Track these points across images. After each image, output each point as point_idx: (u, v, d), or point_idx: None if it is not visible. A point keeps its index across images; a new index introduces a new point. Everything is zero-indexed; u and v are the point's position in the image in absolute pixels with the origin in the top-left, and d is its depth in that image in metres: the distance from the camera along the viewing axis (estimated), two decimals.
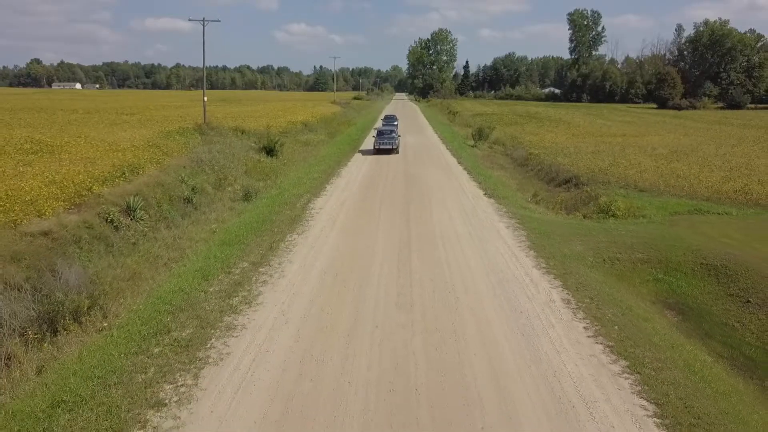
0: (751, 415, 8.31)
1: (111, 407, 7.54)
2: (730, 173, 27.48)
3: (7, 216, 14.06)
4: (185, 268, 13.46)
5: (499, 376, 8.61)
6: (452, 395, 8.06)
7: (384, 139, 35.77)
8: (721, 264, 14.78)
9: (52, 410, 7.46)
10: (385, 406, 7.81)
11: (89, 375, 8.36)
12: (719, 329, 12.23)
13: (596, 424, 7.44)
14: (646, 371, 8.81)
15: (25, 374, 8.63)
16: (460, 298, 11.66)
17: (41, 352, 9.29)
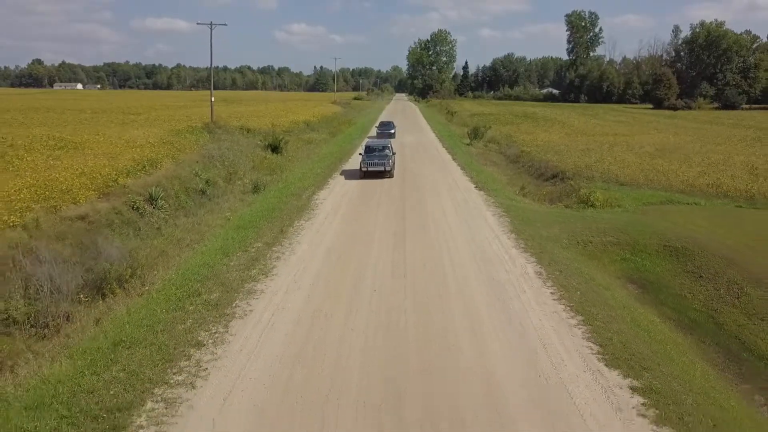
0: (680, 357, 10.17)
1: (161, 346, 9.41)
2: (706, 168, 29.33)
3: (48, 203, 15.93)
4: (207, 248, 15.33)
5: (475, 327, 10.47)
6: (435, 340, 9.92)
7: (374, 158, 26.64)
8: (681, 246, 16.63)
9: (114, 347, 9.32)
10: (381, 342, 9.70)
11: (139, 324, 10.23)
12: (672, 299, 14.07)
13: (550, 358, 9.29)
14: (597, 323, 10.67)
15: (86, 325, 10.49)
16: (446, 271, 13.52)
17: (95, 309, 11.16)
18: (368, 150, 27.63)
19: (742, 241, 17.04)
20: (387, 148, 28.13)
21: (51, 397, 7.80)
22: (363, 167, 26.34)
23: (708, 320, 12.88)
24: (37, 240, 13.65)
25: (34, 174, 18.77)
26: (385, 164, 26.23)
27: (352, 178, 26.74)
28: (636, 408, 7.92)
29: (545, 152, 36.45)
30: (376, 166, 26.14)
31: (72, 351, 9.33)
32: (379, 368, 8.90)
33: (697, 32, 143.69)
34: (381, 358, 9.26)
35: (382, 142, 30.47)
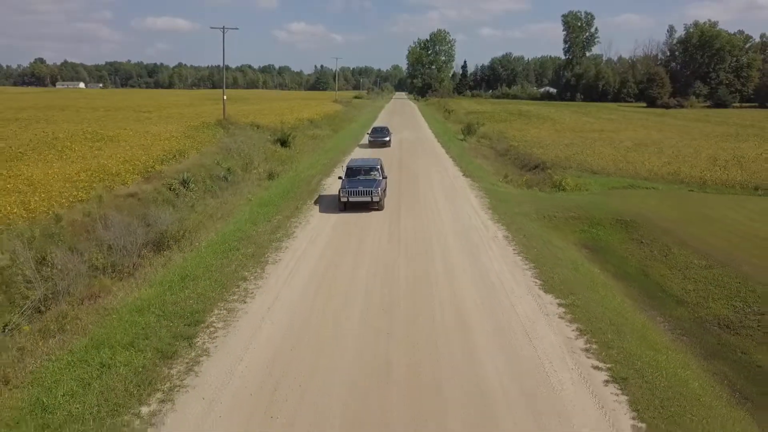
0: (605, 291, 13.47)
1: (216, 279, 12.74)
2: (673, 160, 32.64)
3: (104, 183, 19.29)
4: (236, 219, 18.65)
5: (450, 271, 13.78)
6: (420, 279, 13.22)
7: (357, 182, 20.18)
8: (630, 220, 19.94)
9: (182, 280, 12.65)
10: (380, 279, 13.05)
11: (196, 267, 13.56)
12: (615, 259, 17.35)
13: (504, 290, 12.58)
14: (544, 269, 13.98)
15: (155, 268, 13.80)
16: (432, 236, 16.83)
17: (160, 259, 14.48)
18: (351, 173, 20.85)
19: (682, 216, 20.35)
20: (375, 170, 21.07)
21: (147, 306, 11.11)
22: (343, 197, 19.62)
23: (639, 273, 16.15)
24: (103, 211, 16.98)
25: (85, 161, 22.13)
26: (372, 190, 19.43)
27: None
28: (558, 314, 11.24)
29: (531, 146, 39.76)
30: (358, 195, 19.45)
31: (151, 282, 12.65)
32: (378, 293, 12.22)
33: (691, 32, 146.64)
34: (379, 286, 12.58)
35: (368, 162, 22.56)
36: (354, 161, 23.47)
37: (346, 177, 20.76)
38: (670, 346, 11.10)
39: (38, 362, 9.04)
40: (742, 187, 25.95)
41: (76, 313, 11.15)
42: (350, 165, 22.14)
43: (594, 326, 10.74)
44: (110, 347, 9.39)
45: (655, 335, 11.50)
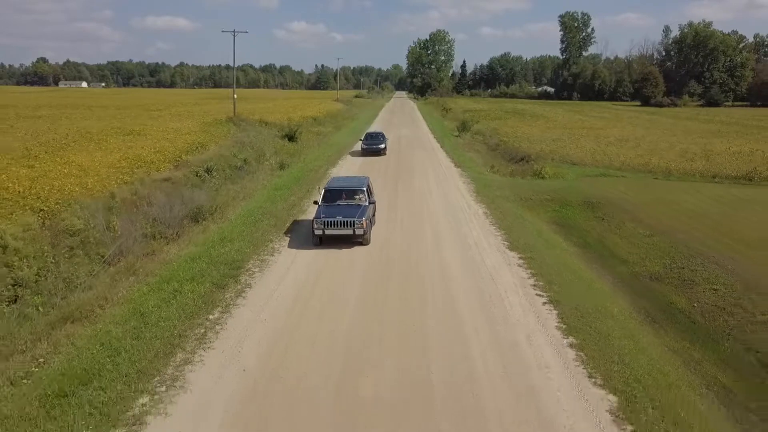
0: (561, 252, 16.65)
1: (249, 241, 15.97)
2: (646, 153, 35.77)
3: (142, 170, 22.46)
4: (257, 200, 21.84)
5: (437, 234, 16.98)
6: (415, 243, 16.39)
7: (336, 209, 16.39)
8: (596, 201, 23.10)
9: (221, 241, 15.86)
10: (383, 232, 16.21)
11: (230, 233, 16.77)
12: (579, 232, 20.48)
13: (478, 249, 15.76)
14: (512, 235, 17.17)
15: (196, 235, 16.98)
16: (423, 212, 20.03)
17: (198, 228, 17.66)
18: (330, 195, 17.18)
19: (641, 199, 23.51)
20: (361, 192, 17.39)
21: (198, 257, 14.32)
22: (317, 228, 15.80)
23: (596, 242, 19.29)
24: (146, 191, 20.16)
25: (122, 152, 25.31)
26: (355, 224, 15.67)
27: (356, 161, 33.23)
28: (517, 263, 14.46)
29: (521, 141, 42.89)
30: (339, 227, 15.70)
31: (195, 243, 15.86)
32: (378, 253, 15.39)
33: (686, 32, 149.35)
34: (383, 237, 15.79)
35: (351, 183, 18.60)
36: (335, 181, 19.32)
37: (323, 202, 16.70)
38: (604, 289, 14.29)
39: (125, 291, 12.23)
40: (702, 175, 29.11)
41: (142, 264, 14.34)
42: (329, 186, 17.82)
43: (543, 272, 13.92)
44: (177, 281, 12.59)
45: (592, 278, 14.70)
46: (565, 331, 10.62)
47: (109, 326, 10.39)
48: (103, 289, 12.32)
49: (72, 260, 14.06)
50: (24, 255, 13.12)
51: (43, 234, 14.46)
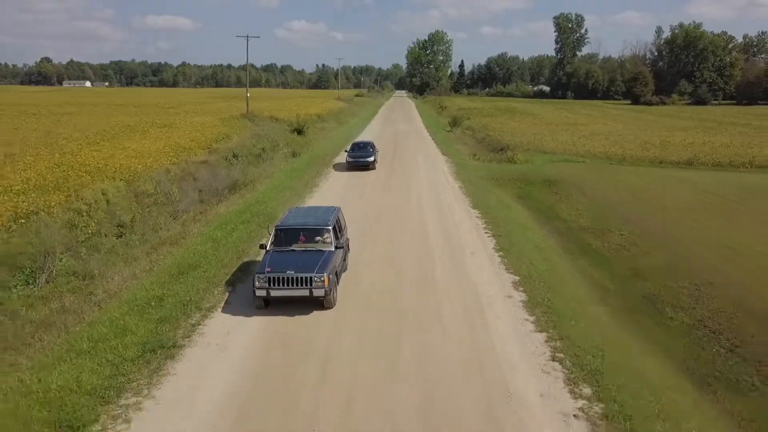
0: (516, 214, 21.86)
1: (278, 202, 21.19)
2: (611, 143, 40.98)
3: (184, 154, 27.68)
4: (278, 178, 27.09)
5: (419, 201, 22.21)
6: (401, 200, 21.61)
7: (289, 259, 12.14)
8: (553, 179, 28.30)
9: (257, 203, 21.10)
10: (379, 194, 21.46)
11: (263, 198, 22.03)
12: (535, 202, 25.62)
13: (449, 209, 21.00)
14: (478, 201, 22.41)
15: (235, 200, 22.21)
16: (411, 185, 25.28)
17: (236, 196, 22.90)
18: (280, 238, 12.94)
19: (591, 178, 28.73)
20: (325, 232, 12.99)
21: (242, 212, 19.59)
22: (259, 287, 11.57)
23: (546, 208, 24.44)
24: (190, 169, 25.38)
25: (163, 141, 30.50)
26: (313, 280, 11.47)
27: None
28: (476, 215, 19.76)
29: (505, 135, 48.08)
30: (289, 286, 11.49)
31: (236, 204, 21.12)
32: (378, 197, 20.60)
33: (676, 33, 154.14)
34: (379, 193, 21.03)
35: (314, 217, 13.88)
36: (291, 215, 14.29)
37: (272, 246, 12.64)
38: (538, 232, 19.51)
39: (197, 229, 17.46)
40: (650, 161, 34.34)
41: (202, 216, 19.56)
42: (282, 224, 13.38)
43: (494, 222, 19.17)
44: (232, 224, 17.85)
45: (531, 227, 19.96)
46: (498, 250, 15.87)
47: (194, 246, 15.67)
48: (180, 230, 17.55)
49: (151, 213, 19.27)
50: (120, 207, 18.33)
51: (129, 195, 19.69)
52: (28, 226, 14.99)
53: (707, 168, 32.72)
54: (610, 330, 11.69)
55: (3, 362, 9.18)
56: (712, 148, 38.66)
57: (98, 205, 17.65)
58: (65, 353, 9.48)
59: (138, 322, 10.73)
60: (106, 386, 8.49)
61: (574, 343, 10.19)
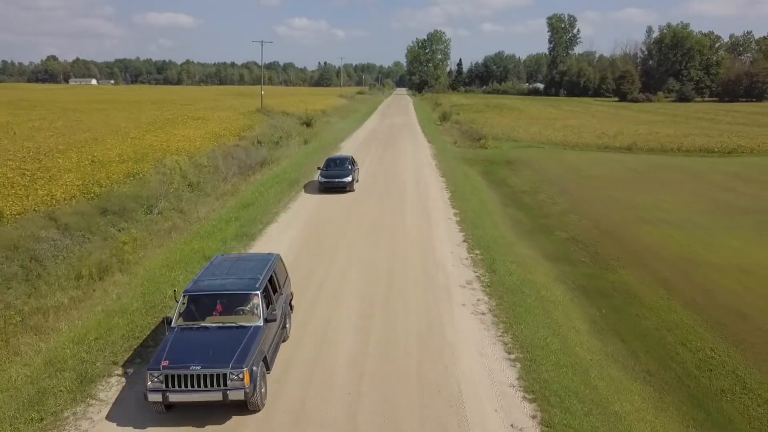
0: (475, 182, 29.47)
1: (299, 172, 28.81)
2: (572, 134, 48.45)
3: (221, 140, 35.31)
4: (296, 158, 34.75)
5: (404, 172, 29.86)
6: (392, 168, 29.27)
7: (200, 340, 8.81)
8: (512, 160, 35.88)
9: (282, 173, 28.79)
10: (377, 161, 29.12)
11: (287, 170, 29.67)
12: (493, 175, 33.13)
13: (425, 179, 28.65)
14: (448, 174, 30.07)
15: (266, 171, 29.85)
16: (399, 161, 32.91)
17: (266, 169, 30.54)
18: (188, 314, 9.55)
19: (543, 159, 36.29)
20: (250, 311, 9.44)
21: (273, 177, 27.23)
22: (152, 396, 8.36)
23: (500, 180, 31.94)
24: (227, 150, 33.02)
25: (201, 129, 38.08)
26: (227, 394, 8.25)
27: (359, 138, 46.08)
28: (442, 181, 27.44)
29: (485, 127, 55.59)
30: (191, 390, 8.30)
31: (268, 174, 28.77)
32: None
33: (664, 33, 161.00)
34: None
35: (231, 283, 9.90)
36: (210, 271, 10.59)
37: (180, 317, 9.39)
38: (486, 193, 27.10)
39: (245, 187, 25.11)
40: (597, 147, 41.90)
41: (244, 182, 27.15)
42: (192, 289, 9.80)
43: (455, 185, 26.80)
44: (268, 184, 25.50)
45: (482, 189, 27.57)
46: (452, 200, 23.68)
47: (246, 195, 23.35)
48: (232, 188, 25.19)
49: (207, 178, 26.89)
50: (189, 173, 25.96)
51: (191, 165, 27.34)
52: (136, 182, 22.65)
53: (642, 152, 40.28)
54: (508, 235, 19.32)
55: (165, 241, 16.86)
56: (655, 137, 46.16)
57: (175, 171, 25.28)
58: (192, 239, 17.15)
59: (225, 227, 18.41)
60: (221, 249, 16.15)
61: (479, 237, 17.82)
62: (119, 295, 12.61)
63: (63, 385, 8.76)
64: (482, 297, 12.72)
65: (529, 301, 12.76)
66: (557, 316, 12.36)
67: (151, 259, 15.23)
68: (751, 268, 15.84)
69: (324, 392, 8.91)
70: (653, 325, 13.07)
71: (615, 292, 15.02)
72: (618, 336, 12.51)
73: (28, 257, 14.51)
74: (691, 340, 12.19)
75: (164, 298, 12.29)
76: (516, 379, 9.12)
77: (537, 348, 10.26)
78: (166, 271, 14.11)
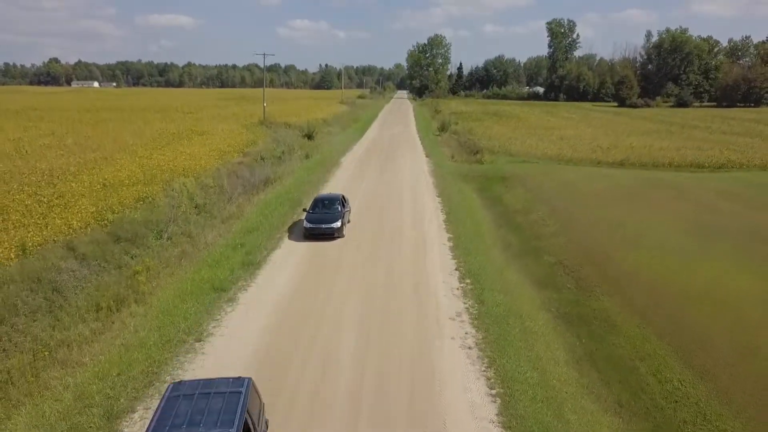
0: (471, 201, 30.62)
1: (301, 191, 29.98)
2: (567, 147, 49.55)
3: (226, 157, 36.47)
4: (298, 175, 35.88)
5: (403, 186, 30.99)
6: (392, 175, 30.42)
7: None
8: (507, 176, 36.98)
9: (285, 192, 29.92)
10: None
11: (290, 189, 30.86)
12: (488, 192, 34.22)
13: (422, 195, 29.77)
14: (442, 190, 31.17)
15: (269, 190, 31.00)
16: (398, 176, 34.02)
17: (269, 187, 31.68)
18: None
19: (536, 174, 37.40)
20: None
21: (278, 197, 28.42)
22: None
23: (495, 197, 33.00)
24: (231, 168, 34.16)
25: (206, 146, 39.25)
26: None
27: (359, 151, 47.22)
28: (438, 200, 28.49)
29: (483, 139, 56.73)
30: None
31: (271, 194, 29.92)
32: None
33: (663, 38, 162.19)
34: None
35: None
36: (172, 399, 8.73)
37: None
38: (479, 212, 28.22)
39: (249, 209, 26.25)
40: (590, 162, 43.00)
41: (248, 202, 28.28)
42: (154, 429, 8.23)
43: (449, 203, 27.91)
44: (272, 206, 26.63)
45: (477, 209, 28.70)
46: (446, 222, 24.75)
47: (251, 218, 24.52)
48: (237, 210, 26.33)
49: (213, 199, 28.04)
50: (195, 195, 27.10)
51: (197, 186, 28.48)
52: (146, 206, 23.79)
53: (634, 167, 41.40)
54: (498, 260, 20.44)
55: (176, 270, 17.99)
56: (648, 151, 47.24)
57: (182, 194, 26.44)
58: (201, 267, 18.29)
59: (232, 254, 19.55)
60: (229, 279, 17.27)
61: (470, 265, 18.95)
62: (136, 328, 13.73)
63: (92, 421, 9.88)
64: (470, 330, 13.83)
65: (513, 333, 13.87)
66: (538, 348, 13.47)
67: (164, 289, 16.36)
68: (723, 298, 16.93)
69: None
70: (628, 354, 14.18)
71: (595, 320, 16.13)
72: (594, 365, 13.62)
73: (50, 288, 15.68)
74: (661, 370, 13.29)
75: (178, 331, 13.42)
76: (496, 415, 10.24)
77: (517, 383, 11.37)
78: (179, 303, 15.24)
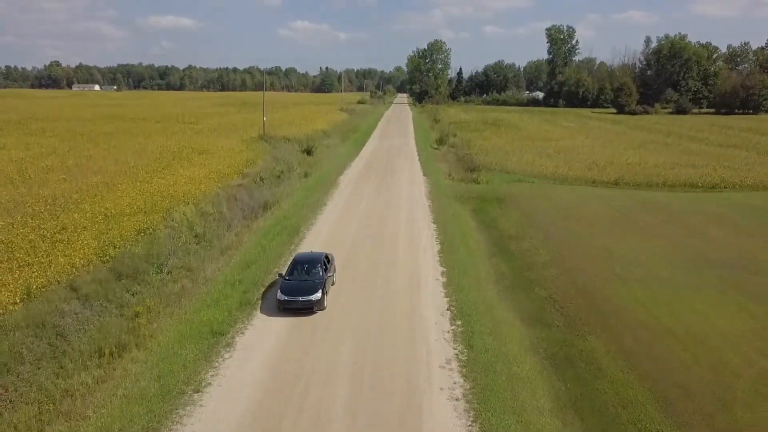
0: (466, 226, 31.20)
1: (299, 217, 30.53)
2: (564, 164, 50.10)
3: (225, 180, 37.05)
4: (296, 197, 36.44)
5: (399, 205, 31.56)
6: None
7: None
8: (503, 197, 37.53)
9: (284, 218, 30.49)
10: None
11: (288, 213, 31.42)
12: (483, 215, 34.71)
13: (417, 218, 30.32)
14: (438, 214, 31.71)
15: (268, 216, 31.58)
16: (396, 190, 34.60)
17: (268, 212, 32.24)
18: None
19: (532, 195, 37.95)
20: None
21: (275, 225, 28.99)
22: None
23: (490, 220, 33.51)
24: (231, 192, 34.74)
25: (206, 168, 39.81)
26: None
27: (359, 166, 47.84)
28: (434, 226, 29.07)
29: (480, 154, 57.24)
30: None
31: (269, 219, 30.51)
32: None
33: (662, 44, 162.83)
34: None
35: None
36: None
37: None
38: (474, 236, 28.77)
39: (248, 238, 26.81)
40: (585, 181, 43.55)
41: (247, 229, 28.84)
42: None
43: (448, 237, 28.38)
44: (270, 234, 27.20)
45: (470, 232, 29.26)
46: (441, 253, 25.30)
47: (249, 249, 25.11)
48: (236, 239, 26.90)
49: (212, 227, 28.60)
50: (195, 223, 27.68)
51: (197, 214, 29.06)
52: (147, 238, 24.37)
53: (628, 187, 41.96)
54: (490, 295, 21.00)
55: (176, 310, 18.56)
56: (643, 169, 47.79)
57: (182, 224, 27.03)
58: (200, 308, 18.87)
59: (231, 293, 20.12)
60: (227, 321, 17.84)
61: (462, 303, 19.52)
62: (137, 377, 14.30)
63: None
64: (458, 380, 14.39)
65: (500, 381, 14.44)
66: (524, 396, 14.04)
67: (164, 332, 16.93)
68: (705, 337, 17.49)
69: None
70: (611, 400, 14.73)
71: (581, 362, 16.69)
72: (578, 413, 14.17)
73: (54, 334, 16.26)
74: (641, 419, 13.84)
75: (177, 382, 14.00)
76: None
77: None
78: (178, 349, 15.81)
